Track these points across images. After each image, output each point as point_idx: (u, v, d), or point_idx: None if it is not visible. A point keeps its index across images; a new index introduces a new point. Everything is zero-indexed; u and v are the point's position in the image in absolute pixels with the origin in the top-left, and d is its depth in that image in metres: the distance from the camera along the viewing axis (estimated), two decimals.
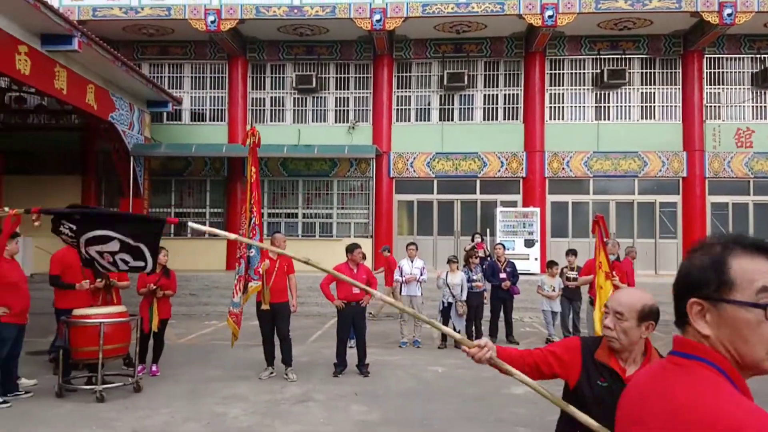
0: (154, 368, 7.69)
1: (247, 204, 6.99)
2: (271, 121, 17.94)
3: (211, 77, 18.04)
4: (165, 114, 17.67)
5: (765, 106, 17.15)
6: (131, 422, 5.66)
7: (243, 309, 7.44)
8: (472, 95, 17.75)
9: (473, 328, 10.08)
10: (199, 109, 18.10)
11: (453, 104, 17.78)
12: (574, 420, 2.24)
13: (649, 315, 2.25)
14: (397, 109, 17.85)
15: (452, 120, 17.71)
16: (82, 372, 7.24)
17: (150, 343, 7.74)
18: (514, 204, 17.22)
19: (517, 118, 17.54)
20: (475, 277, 9.95)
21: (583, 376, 2.31)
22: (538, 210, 16.32)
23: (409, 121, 17.85)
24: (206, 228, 3.11)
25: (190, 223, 3.44)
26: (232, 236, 3.34)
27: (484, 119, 17.68)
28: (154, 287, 7.52)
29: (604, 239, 6.57)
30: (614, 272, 7.08)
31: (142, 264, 3.55)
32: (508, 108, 17.63)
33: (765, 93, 17.11)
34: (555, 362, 2.42)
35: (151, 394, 6.65)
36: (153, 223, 3.70)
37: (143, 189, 16.37)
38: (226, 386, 7.06)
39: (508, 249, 15.50)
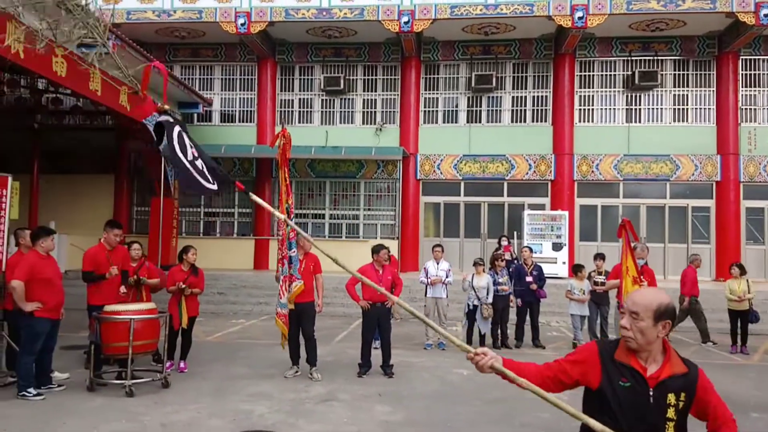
0: (182, 365, 7.82)
1: (284, 206, 7.01)
2: (299, 122, 18.09)
3: (240, 79, 18.28)
4: (195, 115, 17.95)
5: None
6: (159, 417, 5.77)
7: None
8: (500, 97, 17.66)
9: (499, 331, 10.02)
10: (228, 111, 18.35)
11: (480, 106, 17.70)
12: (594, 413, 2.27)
13: (665, 314, 2.25)
14: (425, 111, 17.84)
15: (480, 122, 17.63)
16: (112, 367, 7.41)
17: (178, 340, 7.88)
18: (542, 207, 17.08)
19: (545, 121, 17.39)
20: (501, 280, 9.90)
21: (605, 378, 2.31)
22: (566, 213, 16.14)
23: (437, 123, 17.83)
24: (263, 203, 3.27)
25: (252, 195, 3.49)
26: (282, 216, 3.57)
27: (512, 121, 17.57)
28: (183, 285, 7.65)
29: (632, 243, 6.49)
30: (642, 277, 7.00)
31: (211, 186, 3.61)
32: (537, 110, 17.49)
33: None
34: (573, 369, 2.43)
35: (178, 390, 6.77)
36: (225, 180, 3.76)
37: (173, 189, 16.63)
38: (251, 384, 7.15)
39: (536, 252, 15.37)
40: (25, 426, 5.40)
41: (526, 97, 17.57)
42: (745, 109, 16.79)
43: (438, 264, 10.03)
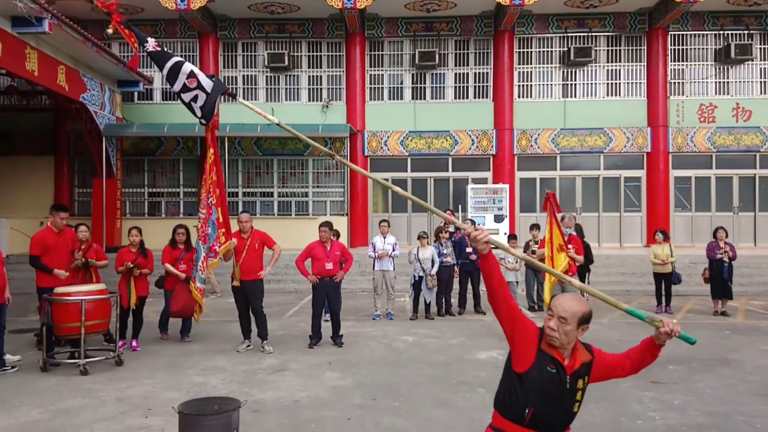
0: (134, 343, 7.97)
1: (207, 184, 7.18)
2: (243, 99, 17.97)
3: (181, 56, 17.89)
4: (136, 94, 17.66)
5: (728, 82, 17.72)
6: (115, 392, 5.96)
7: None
8: (444, 74, 18.02)
9: (443, 300, 10.51)
10: (170, 89, 18.00)
11: (425, 83, 18.03)
12: (518, 394, 2.61)
13: (586, 320, 2.63)
14: (370, 88, 18.05)
15: (424, 99, 17.98)
16: (64, 348, 7.50)
17: (129, 320, 8.02)
18: (484, 181, 17.65)
19: (487, 97, 17.88)
20: (444, 252, 10.36)
21: (536, 362, 2.62)
22: (507, 186, 16.75)
23: (383, 99, 18.08)
24: (253, 107, 3.47)
25: (240, 99, 3.61)
26: (275, 120, 3.80)
27: (455, 98, 17.99)
28: (132, 265, 7.77)
29: (557, 214, 6.99)
30: (569, 245, 7.54)
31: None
32: (479, 86, 17.95)
33: (728, 69, 17.66)
34: (520, 328, 2.66)
35: (133, 367, 6.95)
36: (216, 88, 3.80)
37: (116, 169, 16.41)
38: (205, 359, 7.39)
39: (479, 224, 15.98)
40: None
41: (468, 73, 17.99)
42: (674, 82, 17.68)
43: (385, 238, 10.41)
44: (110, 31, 3.77)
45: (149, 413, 5.33)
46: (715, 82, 17.68)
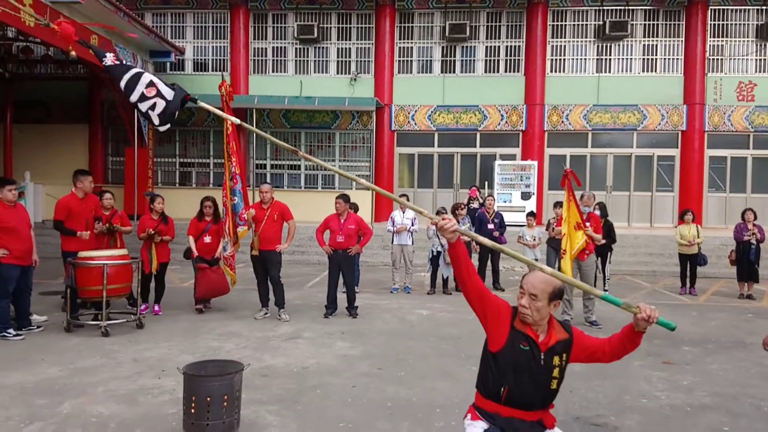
0: (156, 308, 8.22)
1: (226, 154, 7.36)
2: (273, 71, 18.08)
3: (213, 27, 18.12)
4: (168, 64, 17.82)
5: None
6: (132, 354, 6.18)
7: (235, 253, 7.96)
8: (474, 47, 17.75)
9: None
10: (201, 59, 18.25)
11: (455, 56, 17.80)
12: (493, 373, 2.66)
13: (557, 295, 2.65)
14: (399, 61, 17.90)
15: (454, 72, 17.76)
16: (89, 310, 7.78)
17: (152, 285, 8.26)
18: (513, 157, 17.44)
19: (518, 71, 17.58)
20: (462, 228, 10.32)
21: (509, 341, 2.66)
22: (535, 163, 16.54)
23: (411, 73, 17.93)
24: (214, 109, 3.60)
25: (201, 103, 3.65)
26: (236, 120, 3.82)
27: (485, 71, 17.73)
28: (153, 232, 7.98)
29: (575, 191, 6.90)
30: (587, 223, 7.45)
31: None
32: (510, 60, 17.64)
33: None
34: (492, 309, 2.72)
35: (152, 331, 7.19)
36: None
37: (148, 139, 16.71)
38: (222, 325, 7.58)
39: (505, 201, 15.90)
40: (4, 362, 5.77)
41: (499, 47, 17.68)
42: (712, 59, 17.09)
43: (404, 213, 10.43)
44: (73, 53, 3.84)
45: (162, 374, 5.52)
46: (756, 59, 17.03)
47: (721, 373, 5.93)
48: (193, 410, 4.06)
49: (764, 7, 16.86)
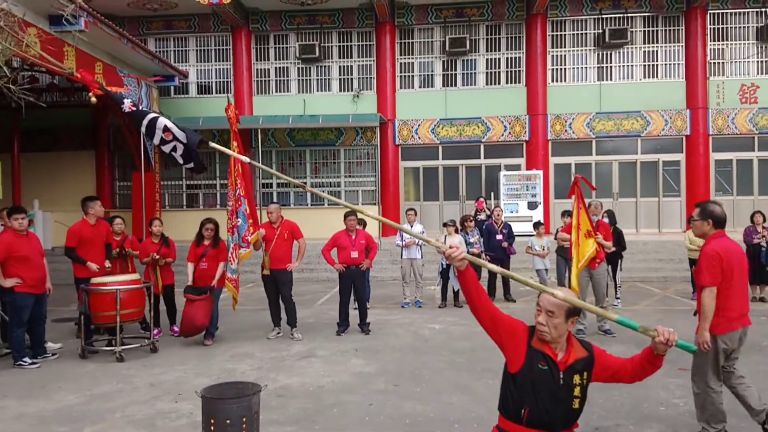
0: (175, 328, 8.22)
1: (232, 177, 7.41)
2: (276, 91, 18.23)
3: (215, 50, 18.32)
4: (172, 88, 18.00)
5: None
6: (148, 378, 6.20)
7: (239, 275, 7.93)
8: (475, 60, 17.86)
9: None
10: (204, 82, 18.43)
11: (456, 69, 17.91)
12: (513, 394, 2.64)
13: (575, 312, 2.64)
14: (401, 76, 18.03)
15: (455, 85, 17.86)
16: (102, 336, 7.81)
17: (162, 308, 8.28)
18: (517, 168, 17.48)
19: (519, 82, 17.66)
20: (471, 240, 10.34)
21: (527, 360, 2.63)
22: (540, 173, 16.57)
23: (413, 87, 18.04)
24: (224, 149, 3.70)
25: (213, 145, 3.73)
26: (246, 159, 3.89)
27: (486, 84, 17.82)
28: (157, 256, 8.02)
29: (586, 201, 6.92)
30: (598, 231, 7.45)
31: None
32: (511, 71, 17.74)
33: None
34: (505, 329, 2.72)
35: (166, 355, 7.20)
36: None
37: (154, 162, 16.82)
38: (235, 346, 7.60)
39: (512, 212, 15.91)
40: (23, 391, 5.80)
41: (499, 59, 17.79)
42: (714, 62, 17.14)
43: (412, 227, 10.44)
44: (93, 100, 3.94)
45: (179, 398, 5.53)
46: (757, 61, 17.05)
47: None
48: None
49: (764, 9, 16.91)
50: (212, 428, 4.05)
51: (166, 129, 3.65)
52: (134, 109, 3.75)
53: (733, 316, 4.52)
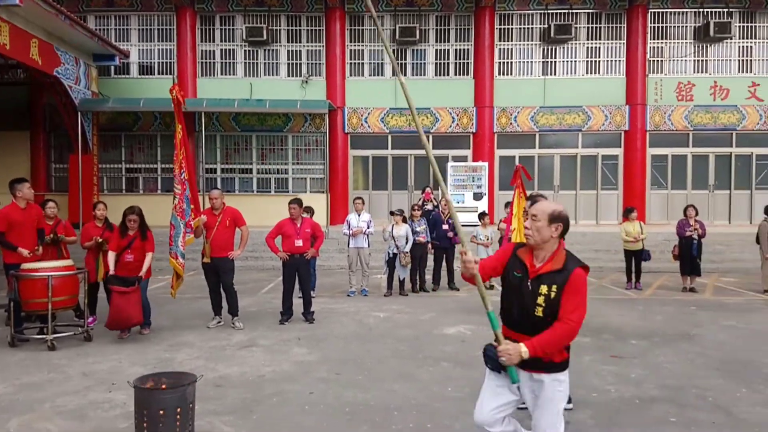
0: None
1: (179, 160, 7.24)
2: (221, 74, 17.82)
3: (158, 29, 17.73)
4: (112, 68, 17.38)
5: (706, 60, 17.77)
6: (81, 367, 5.99)
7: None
8: (424, 50, 17.91)
9: (417, 276, 10.60)
10: (147, 62, 17.83)
11: (405, 59, 17.92)
12: (502, 301, 3.12)
13: (557, 218, 2.91)
14: (351, 64, 17.90)
15: (405, 75, 17.86)
16: (34, 324, 7.49)
17: (101, 294, 8.00)
18: (464, 159, 17.68)
19: (467, 74, 17.82)
20: (418, 229, 10.42)
21: (508, 267, 3.03)
22: (486, 164, 16.81)
23: (363, 75, 17.95)
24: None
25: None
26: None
27: (436, 74, 17.91)
28: (101, 240, 7.74)
29: (527, 192, 7.08)
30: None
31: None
32: (459, 63, 17.88)
33: (707, 47, 17.70)
34: (497, 262, 3.14)
35: (101, 343, 6.97)
36: None
37: (92, 144, 16.22)
38: (174, 335, 7.42)
39: (458, 202, 16.09)
40: None
41: (448, 50, 17.90)
42: (653, 60, 17.72)
43: (359, 216, 10.43)
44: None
45: (113, 388, 5.36)
46: (694, 61, 17.74)
47: (668, 366, 6.15)
48: (145, 424, 3.95)
49: (701, 10, 17.58)
50: (145, 419, 3.95)
51: None
52: None
53: None
